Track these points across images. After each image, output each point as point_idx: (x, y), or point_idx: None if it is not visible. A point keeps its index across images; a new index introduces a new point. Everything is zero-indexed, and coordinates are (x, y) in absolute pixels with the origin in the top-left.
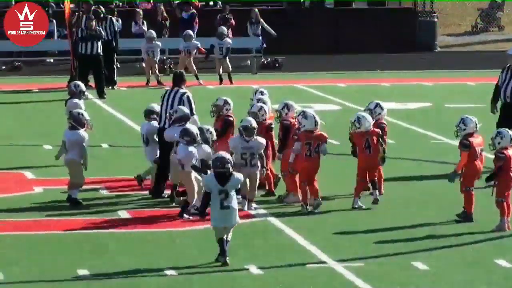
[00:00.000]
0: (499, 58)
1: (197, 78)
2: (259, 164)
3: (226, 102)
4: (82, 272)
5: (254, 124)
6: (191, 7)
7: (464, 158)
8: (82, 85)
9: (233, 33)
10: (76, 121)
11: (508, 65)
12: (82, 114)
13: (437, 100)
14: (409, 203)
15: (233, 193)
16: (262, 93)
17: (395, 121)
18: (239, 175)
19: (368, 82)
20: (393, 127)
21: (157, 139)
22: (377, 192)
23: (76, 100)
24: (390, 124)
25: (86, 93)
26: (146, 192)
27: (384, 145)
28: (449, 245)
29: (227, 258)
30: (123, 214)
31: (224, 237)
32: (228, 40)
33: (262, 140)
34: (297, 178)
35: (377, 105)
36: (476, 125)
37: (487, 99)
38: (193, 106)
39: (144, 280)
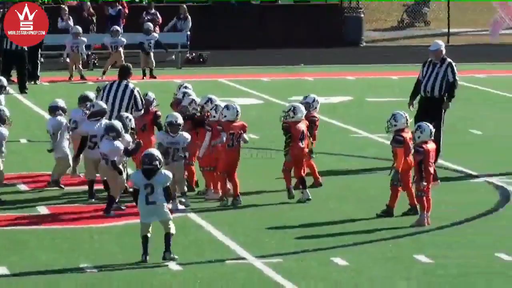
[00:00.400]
0: (425, 52)
1: None
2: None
3: (154, 99)
4: (1, 269)
5: (180, 121)
6: (117, 4)
7: (400, 155)
8: (3, 80)
9: (160, 29)
10: None
11: (429, 59)
12: (3, 111)
13: (359, 94)
14: (329, 198)
15: (160, 189)
16: (186, 87)
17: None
18: (167, 172)
19: (292, 76)
20: None
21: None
22: (307, 192)
23: None
24: None
25: (7, 88)
26: (67, 188)
27: (311, 139)
28: (369, 240)
29: (147, 256)
30: (42, 210)
31: (149, 234)
32: (155, 34)
33: (187, 135)
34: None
35: (315, 99)
36: (407, 120)
37: (409, 93)
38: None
39: (64, 276)
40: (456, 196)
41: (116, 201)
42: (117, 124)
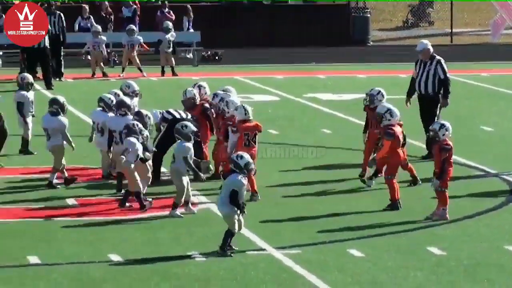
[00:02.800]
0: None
1: (141, 71)
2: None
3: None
4: (32, 258)
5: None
6: (131, 3)
7: (386, 147)
8: (29, 77)
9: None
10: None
11: (420, 58)
12: (64, 102)
13: None
14: (346, 192)
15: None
16: (200, 86)
17: (331, 111)
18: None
19: (304, 74)
20: (330, 118)
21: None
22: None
23: (23, 92)
24: (326, 115)
25: (34, 84)
26: (96, 181)
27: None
28: (383, 233)
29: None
30: (71, 202)
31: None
32: (174, 33)
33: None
34: None
35: (380, 92)
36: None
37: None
38: None
39: (92, 267)
40: (468, 190)
41: (142, 194)
42: (127, 100)
